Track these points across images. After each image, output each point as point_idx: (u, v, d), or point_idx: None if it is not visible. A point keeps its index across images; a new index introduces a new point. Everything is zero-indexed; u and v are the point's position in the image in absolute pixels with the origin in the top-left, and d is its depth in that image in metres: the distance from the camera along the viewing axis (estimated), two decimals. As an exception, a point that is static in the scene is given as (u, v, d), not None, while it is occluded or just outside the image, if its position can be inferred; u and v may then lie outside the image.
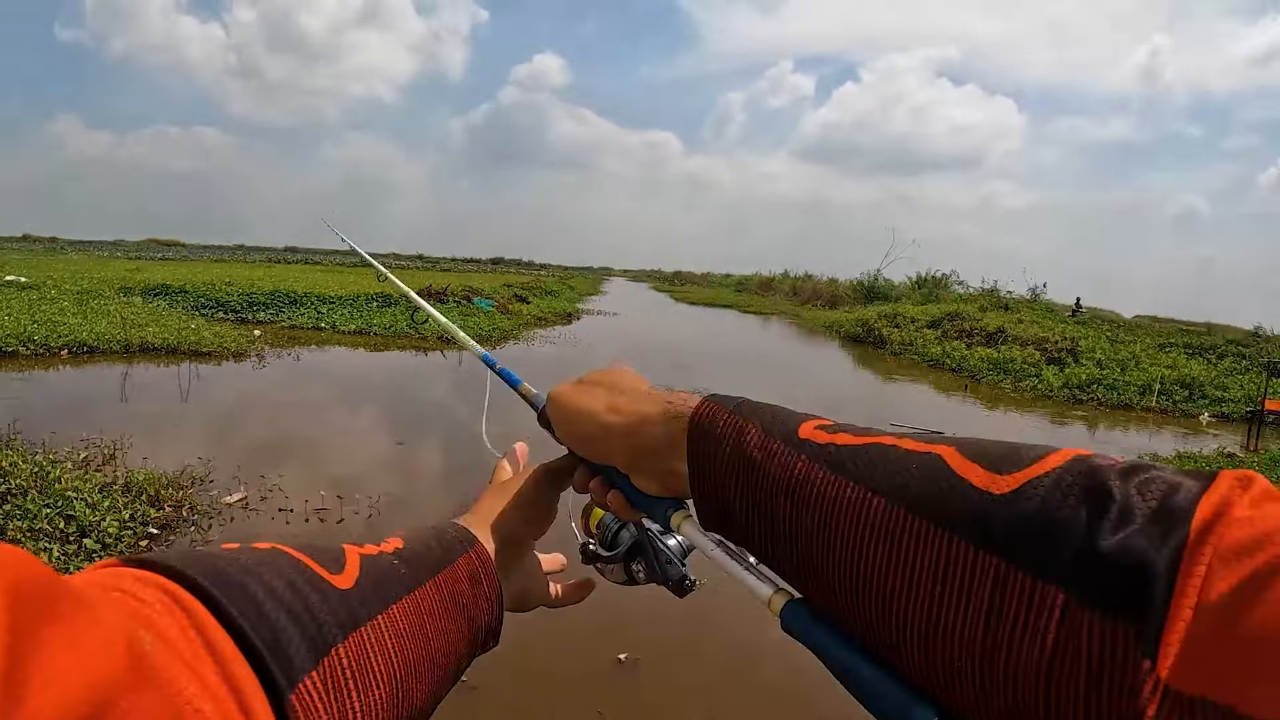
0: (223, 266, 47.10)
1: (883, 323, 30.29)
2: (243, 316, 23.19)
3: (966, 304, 33.43)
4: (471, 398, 14.73)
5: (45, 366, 14.31)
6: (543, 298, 38.28)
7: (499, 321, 25.42)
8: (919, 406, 16.87)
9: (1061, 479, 0.50)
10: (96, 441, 8.80)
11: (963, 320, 27.77)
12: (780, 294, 63.79)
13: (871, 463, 0.60)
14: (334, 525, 7.24)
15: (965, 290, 42.17)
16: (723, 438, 0.70)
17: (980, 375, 21.37)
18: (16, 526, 5.82)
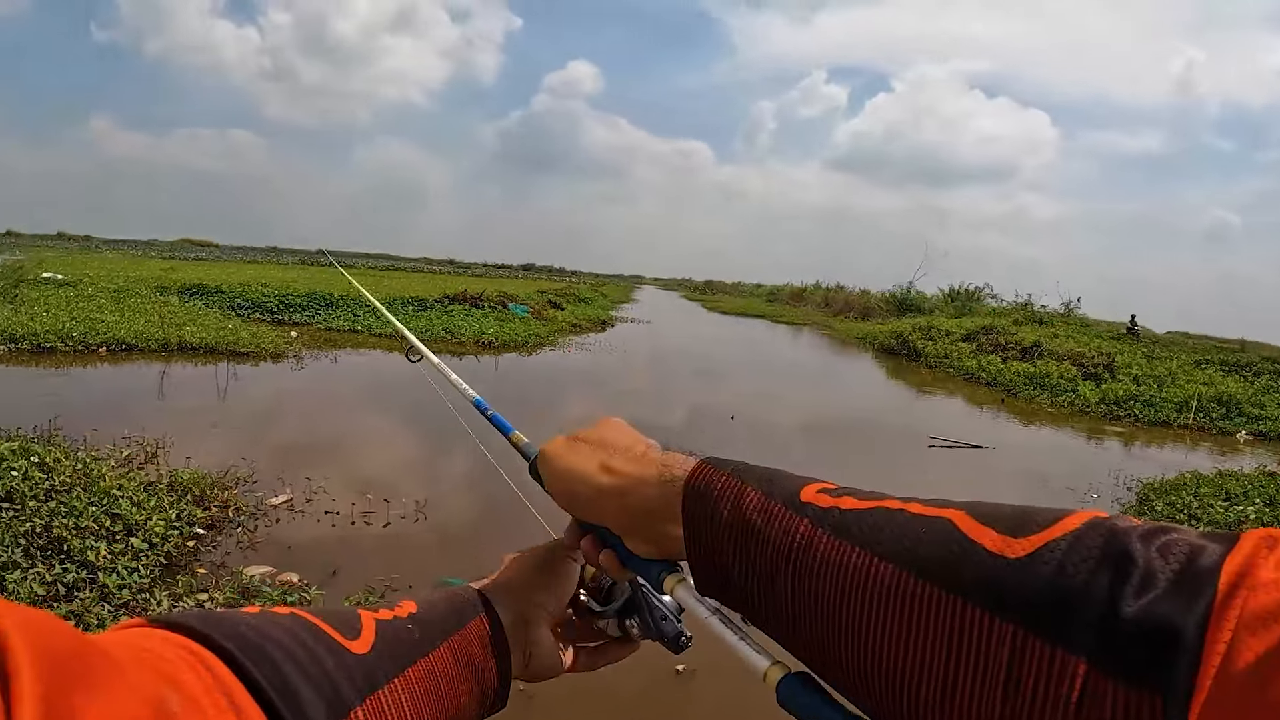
0: (256, 267, 47.43)
1: (917, 335, 30.07)
2: (279, 318, 23.28)
3: (1000, 318, 33.23)
4: (508, 403, 14.68)
5: (83, 363, 14.37)
6: (576, 304, 38.27)
7: (534, 327, 25.38)
8: (954, 419, 16.63)
9: (1079, 542, 0.49)
10: (138, 439, 8.76)
11: (997, 334, 27.59)
12: (812, 304, 63.51)
13: (877, 527, 0.59)
14: (380, 529, 7.16)
15: (998, 303, 41.88)
16: (721, 500, 0.69)
17: (1016, 390, 21.12)
18: (62, 524, 5.74)
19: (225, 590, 5.32)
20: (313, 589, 5.48)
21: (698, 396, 17.28)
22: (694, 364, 23.90)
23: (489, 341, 21.74)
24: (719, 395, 17.57)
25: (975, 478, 11.57)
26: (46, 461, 6.94)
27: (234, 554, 6.29)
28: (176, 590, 5.23)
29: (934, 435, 13.57)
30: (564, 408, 14.54)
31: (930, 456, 12.55)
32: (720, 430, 13.25)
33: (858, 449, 13.34)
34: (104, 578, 5.21)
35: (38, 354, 14.75)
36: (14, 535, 5.54)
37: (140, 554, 5.61)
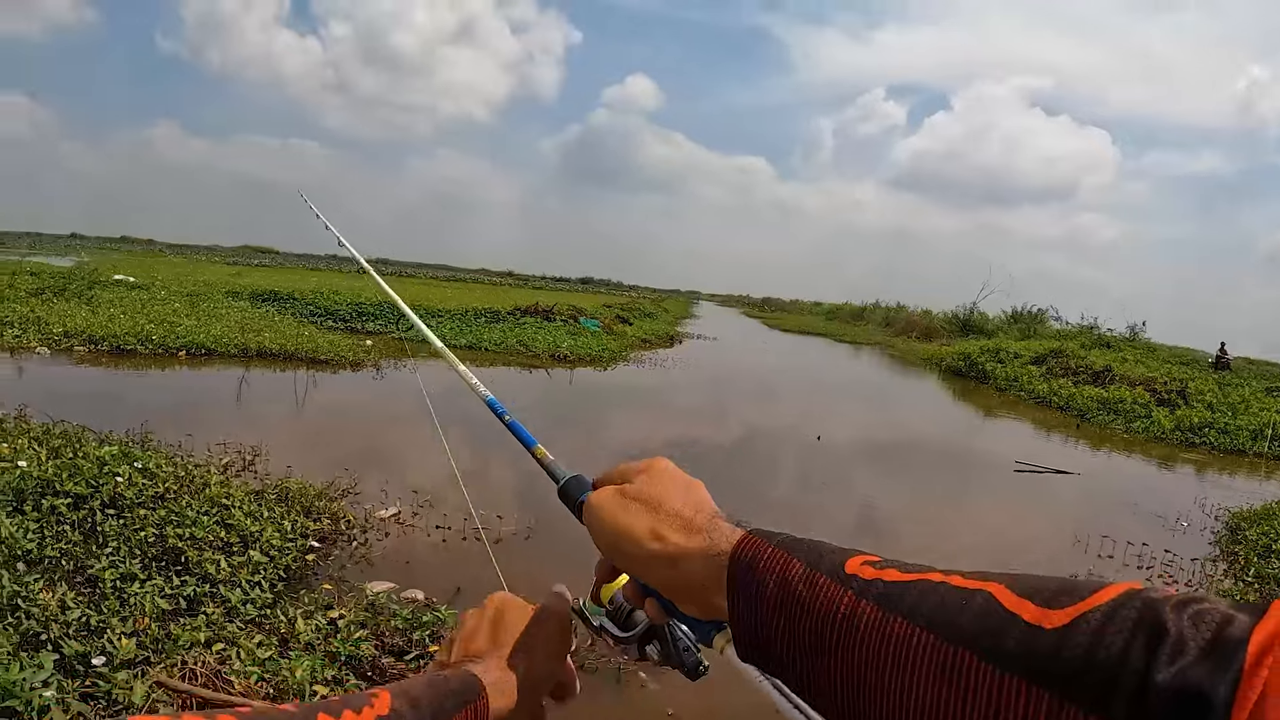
0: (320, 275, 47.92)
1: (986, 358, 29.60)
2: (352, 326, 23.35)
3: (1067, 341, 32.65)
4: (590, 418, 14.51)
5: (162, 366, 14.43)
6: (642, 319, 38.18)
7: (606, 342, 25.25)
8: (1031, 444, 16.25)
9: (1114, 612, 0.51)
10: (235, 446, 8.65)
11: (1067, 358, 27.06)
12: (872, 324, 62.96)
13: (921, 598, 0.60)
14: (492, 545, 6.95)
15: (1062, 326, 41.22)
16: (767, 572, 0.70)
17: (1089, 415, 20.66)
18: (175, 534, 5.59)
19: (352, 607, 5.12)
20: (443, 607, 5.26)
21: (777, 417, 17.12)
22: (767, 383, 23.81)
23: (563, 355, 21.60)
24: (797, 415, 17.33)
25: (1064, 504, 11.35)
26: (149, 467, 6.82)
27: (350, 568, 6.12)
28: (305, 607, 5.03)
29: (1020, 460, 13.31)
30: (647, 427, 14.35)
31: (1017, 481, 12.32)
32: (806, 452, 13.12)
33: (943, 473, 13.12)
34: (225, 591, 5.03)
35: (118, 356, 14.83)
36: (130, 545, 5.40)
37: (260, 567, 5.44)
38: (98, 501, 6.10)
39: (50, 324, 16.16)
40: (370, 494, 7.91)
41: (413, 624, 5.00)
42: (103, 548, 5.33)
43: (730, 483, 10.78)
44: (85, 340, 15.28)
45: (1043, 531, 9.94)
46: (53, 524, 5.69)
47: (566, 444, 12.21)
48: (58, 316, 17.05)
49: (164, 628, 4.50)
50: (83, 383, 12.47)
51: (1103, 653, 0.49)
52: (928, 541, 8.83)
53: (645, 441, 12.92)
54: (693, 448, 13.03)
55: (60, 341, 15.18)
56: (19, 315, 16.72)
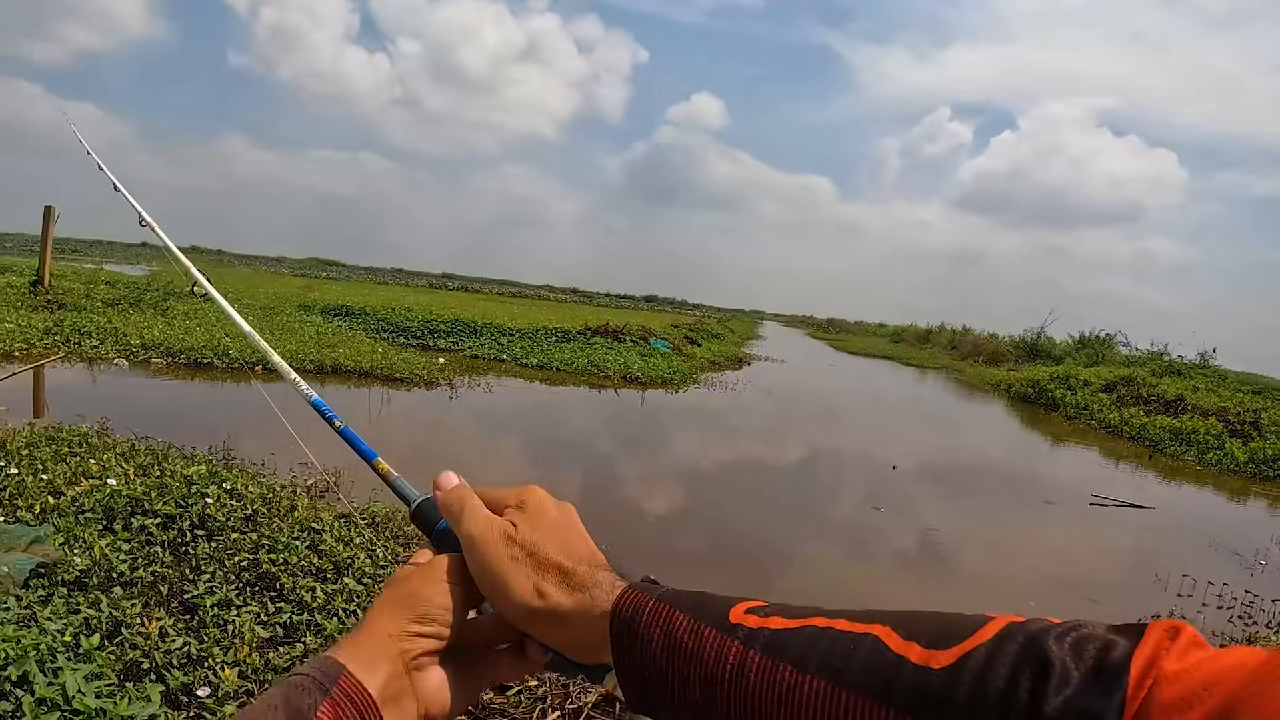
0: (388, 290, 48.44)
1: (1055, 384, 29.10)
2: (424, 343, 23.44)
3: (1136, 367, 31.94)
4: (660, 440, 14.41)
5: (239, 381, 14.52)
6: (709, 340, 38.09)
7: (676, 363, 25.12)
8: (1102, 475, 15.89)
9: (998, 649, 0.53)
10: (317, 467, 8.63)
11: (1138, 386, 26.40)
12: (938, 347, 62.25)
13: (808, 645, 0.61)
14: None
15: (1130, 351, 40.40)
16: (650, 626, 0.70)
17: (1161, 445, 20.15)
18: (268, 559, 5.56)
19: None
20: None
21: (846, 442, 17.01)
22: (836, 407, 23.71)
23: (634, 376, 21.51)
24: (866, 440, 17.32)
25: (1141, 539, 11.13)
26: (236, 488, 6.83)
27: (440, 599, 6.03)
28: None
29: (1095, 493, 13.05)
30: (719, 449, 14.22)
31: (1092, 514, 12.04)
32: (882, 480, 12.95)
33: (1017, 504, 12.90)
34: (321, 619, 4.97)
35: (194, 369, 15.01)
36: (224, 569, 5.38)
37: (354, 595, 5.38)
38: (187, 522, 6.11)
39: (128, 335, 16.40)
40: (455, 519, 7.83)
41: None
42: (198, 572, 5.32)
43: (797, 505, 10.64)
44: (163, 352, 15.48)
45: (1122, 568, 9.74)
46: (143, 544, 5.70)
47: (639, 465, 12.14)
48: (134, 327, 17.32)
49: (264, 656, 4.45)
50: (162, 396, 12.63)
51: (991, 689, 0.51)
52: (1001, 578, 8.61)
53: (715, 463, 12.82)
54: (762, 470, 12.92)
55: (138, 353, 15.39)
56: (96, 325, 17.01)
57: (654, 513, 9.59)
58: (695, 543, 8.55)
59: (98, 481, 6.50)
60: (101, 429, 8.78)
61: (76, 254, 64.86)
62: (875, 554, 9.12)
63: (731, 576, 7.64)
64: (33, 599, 4.46)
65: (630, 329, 28.88)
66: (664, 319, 49.85)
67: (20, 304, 19.57)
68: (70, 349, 15.21)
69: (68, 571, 4.89)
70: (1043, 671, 0.50)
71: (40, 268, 22.12)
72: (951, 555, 9.25)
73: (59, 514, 5.87)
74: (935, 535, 9.91)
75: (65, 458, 7.25)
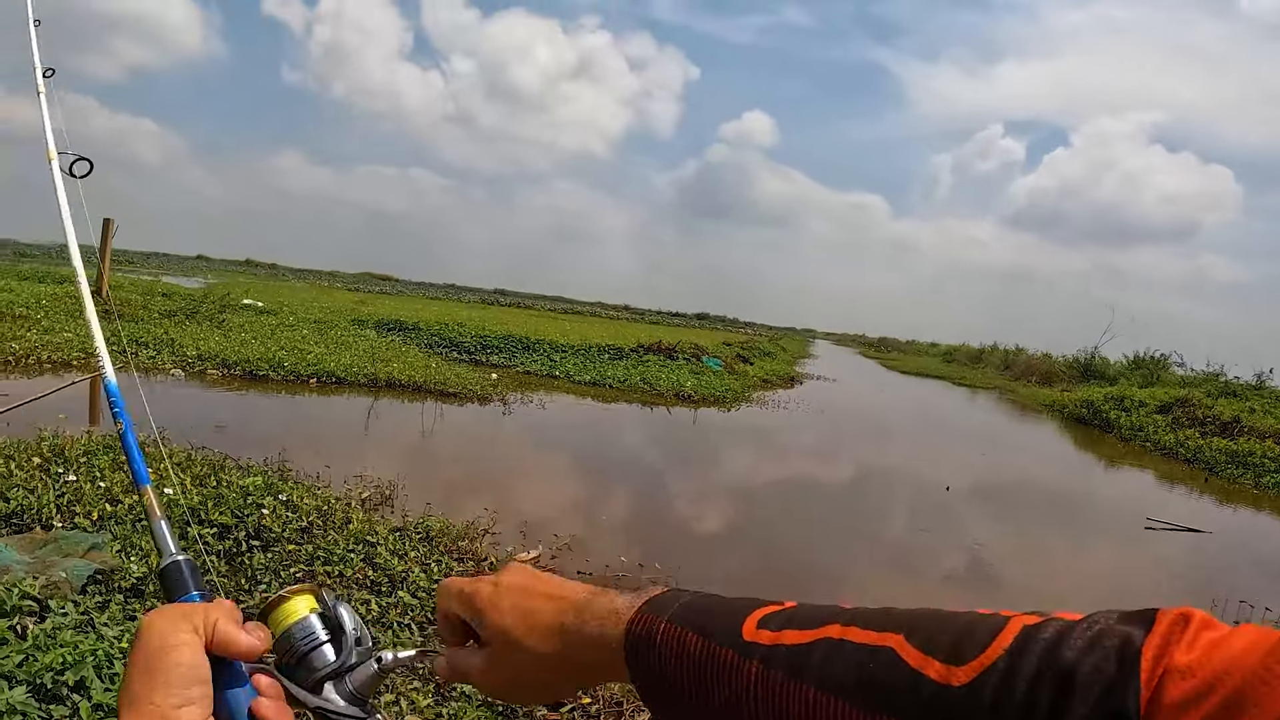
0: (441, 305, 48.83)
1: (1109, 405, 28.68)
2: (476, 359, 23.59)
3: (1192, 388, 31.37)
4: (711, 458, 14.35)
5: (293, 393, 14.70)
6: (761, 359, 37.98)
7: (729, 382, 25.05)
8: (1159, 497, 15.63)
9: (1017, 661, 0.53)
10: (372, 480, 8.70)
11: (1194, 407, 25.89)
12: (991, 367, 61.68)
13: (826, 660, 0.61)
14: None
15: (1185, 372, 39.70)
16: (665, 649, 0.70)
17: (1217, 468, 19.70)
18: (324, 570, 5.59)
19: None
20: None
21: (898, 461, 16.93)
22: (889, 426, 23.67)
23: (687, 395, 21.46)
24: (919, 460, 17.20)
25: (1194, 566, 10.93)
26: (292, 499, 6.88)
27: (495, 615, 6.03)
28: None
29: (1150, 516, 12.80)
30: (771, 468, 14.14)
31: (1147, 538, 11.84)
32: (934, 500, 12.88)
33: (1070, 527, 12.71)
34: (375, 631, 4.96)
35: (249, 380, 15.18)
36: (280, 580, 5.41)
37: (409, 609, 5.38)
38: (243, 532, 6.16)
39: (184, 346, 16.64)
40: (509, 534, 7.86)
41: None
42: (253, 582, 5.35)
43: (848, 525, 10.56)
44: (219, 364, 15.68)
45: (1177, 593, 9.53)
46: (199, 554, 5.74)
47: (691, 483, 12.10)
48: (190, 339, 17.59)
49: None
50: (217, 407, 12.77)
51: (1014, 706, 0.51)
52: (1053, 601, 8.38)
53: (766, 481, 12.76)
54: (814, 489, 12.88)
55: (194, 364, 15.60)
56: (153, 336, 17.27)
57: (705, 530, 9.55)
58: (745, 561, 8.50)
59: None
60: (158, 439, 8.88)
61: (134, 265, 66.02)
62: (925, 574, 9.04)
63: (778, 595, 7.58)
64: (90, 604, 4.51)
65: (682, 347, 28.85)
66: (716, 337, 49.85)
67: (79, 314, 19.90)
68: (127, 359, 15.45)
69: (124, 578, 4.94)
70: (1063, 685, 0.50)
71: (98, 279, 22.54)
72: (1002, 577, 9.13)
73: (116, 521, 5.94)
74: (986, 556, 9.80)
75: (122, 466, 7.33)
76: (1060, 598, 8.64)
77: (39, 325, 17.09)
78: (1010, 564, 9.74)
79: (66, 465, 6.98)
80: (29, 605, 4.19)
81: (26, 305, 19.61)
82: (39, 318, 18.11)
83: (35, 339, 15.41)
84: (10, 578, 4.39)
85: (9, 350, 14.19)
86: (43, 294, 22.66)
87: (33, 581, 4.38)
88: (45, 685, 3.53)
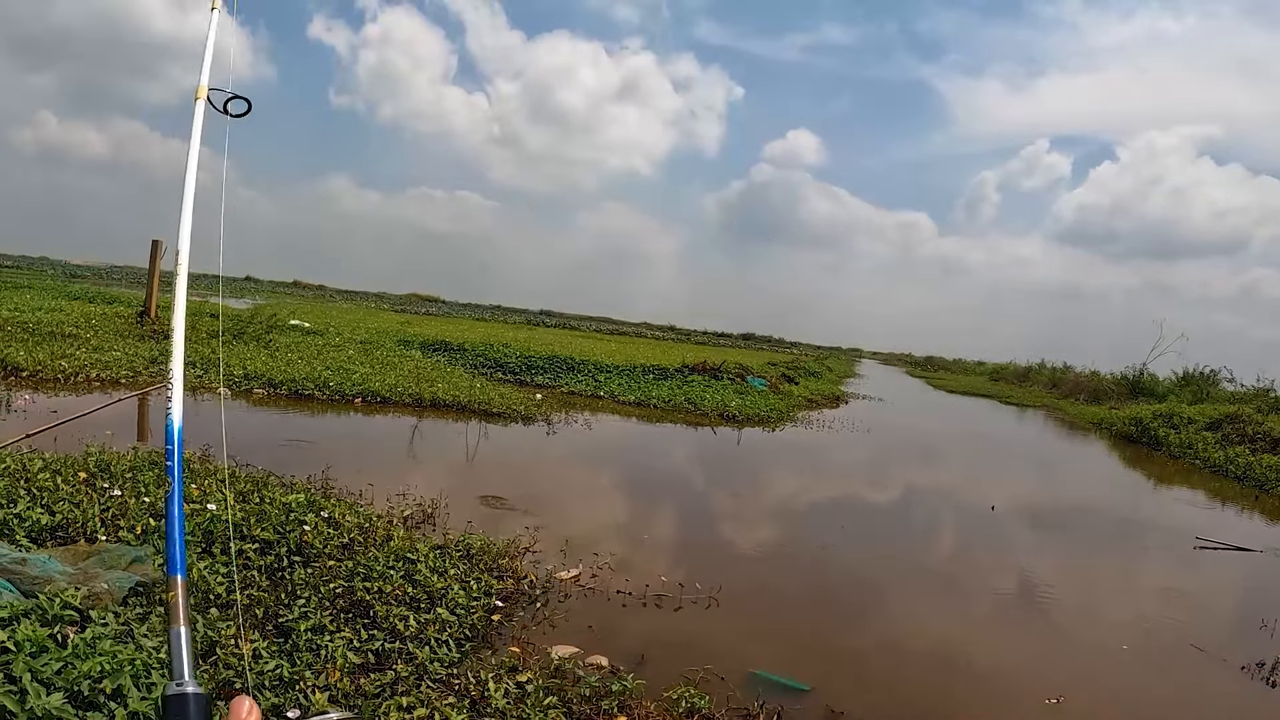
0: (486, 326, 49.11)
1: (1158, 423, 28.24)
2: (521, 379, 23.74)
3: (1242, 404, 30.74)
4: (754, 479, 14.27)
5: (339, 412, 14.82)
6: (807, 378, 37.83)
7: (774, 401, 24.96)
8: (1209, 517, 14.99)
9: None
10: (415, 499, 8.74)
11: (1244, 423, 25.34)
12: (1038, 384, 60.85)
13: None
14: (670, 613, 6.83)
15: (1236, 388, 38.95)
16: None
17: (1268, 485, 19.21)
18: (364, 587, 5.62)
19: (538, 672, 5.03)
20: (629, 676, 5.11)
21: (944, 482, 16.79)
22: (935, 447, 23.38)
23: (731, 414, 21.40)
24: (964, 480, 17.13)
25: (1245, 585, 10.76)
26: (334, 516, 6.94)
27: (533, 630, 6.04)
28: (494, 669, 4.96)
29: (1200, 536, 12.61)
30: (815, 488, 14.04)
31: (1195, 557, 11.65)
32: (974, 518, 12.88)
33: (1118, 546, 12.60)
34: (414, 648, 5.00)
35: (295, 400, 15.35)
36: (319, 595, 5.44)
37: (447, 625, 5.40)
38: (284, 549, 6.22)
39: (231, 366, 16.86)
40: (549, 552, 7.87)
41: (600, 692, 4.88)
42: (293, 597, 5.39)
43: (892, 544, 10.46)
44: (265, 383, 15.88)
45: (1228, 613, 9.43)
46: (241, 568, 5.81)
47: (734, 502, 12.03)
48: (237, 359, 17.85)
49: (354, 682, 4.48)
50: (263, 426, 12.91)
51: None
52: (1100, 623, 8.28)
53: (809, 501, 12.66)
54: (857, 509, 12.81)
55: (241, 384, 15.80)
56: (201, 356, 17.52)
57: (748, 551, 9.48)
58: (788, 581, 8.43)
59: (198, 505, 6.64)
60: (203, 456, 8.99)
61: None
62: (971, 593, 8.90)
63: (822, 616, 7.52)
64: (130, 616, 4.57)
65: (728, 367, 28.80)
66: (761, 357, 49.72)
67: (128, 334, 20.30)
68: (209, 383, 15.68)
69: (166, 591, 4.99)
70: None
71: (147, 299, 22.95)
72: (1048, 597, 8.96)
73: (160, 536, 6.00)
74: (1031, 577, 9.65)
75: (167, 483, 7.42)
76: (1108, 618, 8.50)
77: (88, 344, 17.41)
78: (1055, 583, 9.56)
79: (112, 480, 7.07)
80: (70, 615, 4.25)
81: (76, 324, 20.02)
82: (88, 336, 18.45)
83: (85, 357, 15.70)
84: (53, 588, 4.47)
85: (59, 368, 14.44)
86: (92, 313, 23.12)
87: (74, 592, 4.44)
88: (83, 693, 3.59)
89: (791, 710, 5.27)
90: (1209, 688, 6.84)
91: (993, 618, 8.13)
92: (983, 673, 6.59)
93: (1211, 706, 6.56)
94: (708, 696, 5.10)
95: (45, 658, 3.66)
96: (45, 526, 5.83)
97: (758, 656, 6.12)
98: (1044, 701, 5.99)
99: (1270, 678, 6.94)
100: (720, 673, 5.63)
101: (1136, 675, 6.95)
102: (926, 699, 5.92)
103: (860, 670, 6.31)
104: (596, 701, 4.83)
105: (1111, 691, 6.39)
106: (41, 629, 3.91)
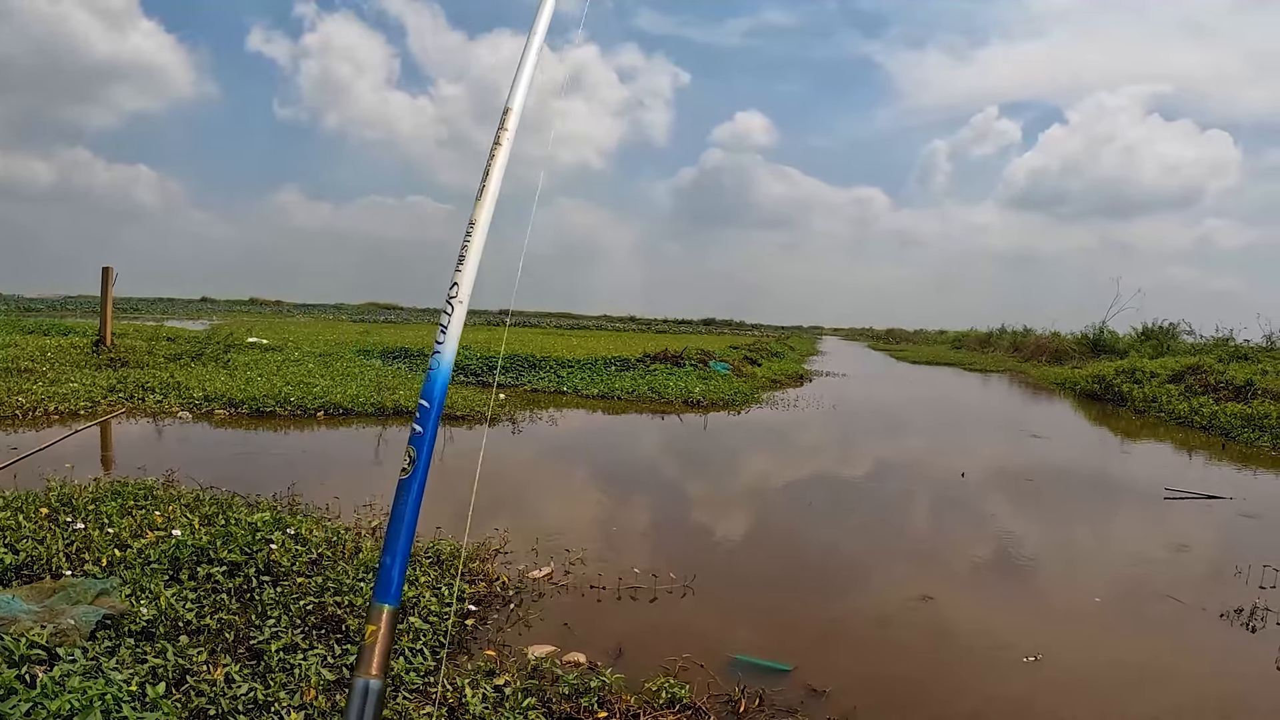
0: (446, 330, 48.79)
1: (1121, 379, 28.83)
2: (483, 380, 23.61)
3: (1203, 355, 31.20)
4: (724, 462, 14.30)
5: (302, 427, 14.70)
6: (770, 359, 38.06)
7: (737, 385, 25.06)
8: (1176, 467, 15.13)
9: None
10: (380, 507, 8.69)
11: (1206, 374, 25.88)
12: (1000, 349, 61.43)
13: None
14: (646, 604, 6.84)
15: (1195, 339, 39.56)
16: None
17: (1234, 433, 19.69)
18: (334, 601, 5.59)
19: (515, 674, 5.02)
20: (607, 671, 5.11)
21: (913, 452, 16.93)
22: (902, 417, 23.60)
23: (696, 401, 21.45)
24: (934, 449, 17.20)
25: (1218, 531, 10.87)
26: (301, 532, 6.89)
27: (508, 631, 6.04)
28: (470, 674, 4.95)
29: (1169, 487, 12.84)
30: (785, 467, 14.08)
31: (1166, 509, 11.82)
32: (945, 486, 12.93)
33: (1090, 502, 12.70)
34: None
35: (257, 418, 15.23)
36: (289, 614, 5.41)
37: (420, 634, 5.38)
38: (253, 569, 6.17)
39: (190, 388, 16.74)
40: (520, 552, 7.86)
41: (579, 690, 4.88)
42: (263, 617, 5.36)
43: (865, 518, 10.50)
44: (225, 404, 15.75)
45: (1202, 562, 9.47)
46: (209, 592, 5.76)
47: (705, 487, 12.05)
48: (197, 380, 17.71)
49: (330, 699, 4.46)
50: (226, 446, 12.79)
51: None
52: (1075, 577, 8.37)
53: (780, 481, 12.69)
54: (827, 485, 12.81)
55: (201, 405, 15.68)
56: (159, 380, 17.39)
57: (720, 536, 9.50)
58: (762, 564, 8.45)
59: (163, 532, 6.59)
60: (167, 481, 8.91)
61: (138, 312, 66.40)
62: (945, 560, 8.94)
63: (799, 595, 7.54)
64: (99, 650, 4.52)
65: (689, 353, 28.87)
66: (723, 341, 49.91)
67: (84, 363, 20.07)
68: (134, 404, 15.52)
69: (134, 622, 4.94)
70: None
71: (101, 327, 22.66)
72: (1023, 556, 9.05)
73: (125, 566, 5.95)
74: (1004, 540, 9.72)
75: (131, 511, 7.36)
76: (1082, 573, 8.59)
77: (44, 378, 17.18)
78: (1029, 542, 9.66)
79: (75, 513, 7.00)
80: (37, 654, 4.21)
81: (31, 359, 19.74)
82: (44, 370, 18.21)
83: (41, 391, 15.48)
84: (18, 628, 4.42)
85: (16, 404, 14.25)
86: (48, 346, 22.83)
87: (40, 630, 4.40)
88: (54, 732, 3.55)
89: (773, 692, 5.30)
90: (1189, 637, 6.93)
91: (968, 582, 8.19)
92: (960, 636, 6.64)
93: (1193, 655, 6.64)
94: (688, 685, 5.11)
95: (14, 700, 3.63)
96: (9, 565, 5.75)
97: (737, 641, 6.14)
98: (1021, 660, 6.06)
99: (1250, 623, 7.05)
100: (700, 660, 5.63)
101: (1114, 629, 7.03)
102: (906, 667, 5.97)
103: (840, 645, 6.34)
104: (576, 699, 4.83)
105: (1090, 646, 6.47)
106: (9, 670, 3.87)
